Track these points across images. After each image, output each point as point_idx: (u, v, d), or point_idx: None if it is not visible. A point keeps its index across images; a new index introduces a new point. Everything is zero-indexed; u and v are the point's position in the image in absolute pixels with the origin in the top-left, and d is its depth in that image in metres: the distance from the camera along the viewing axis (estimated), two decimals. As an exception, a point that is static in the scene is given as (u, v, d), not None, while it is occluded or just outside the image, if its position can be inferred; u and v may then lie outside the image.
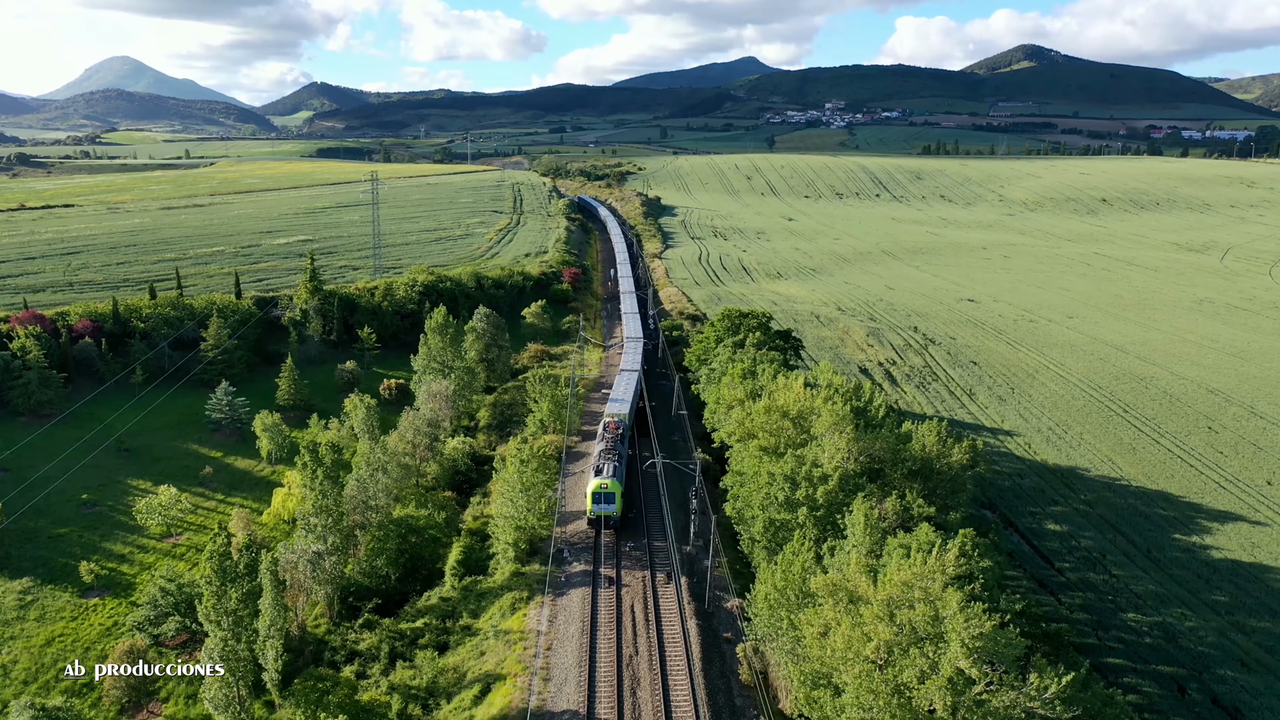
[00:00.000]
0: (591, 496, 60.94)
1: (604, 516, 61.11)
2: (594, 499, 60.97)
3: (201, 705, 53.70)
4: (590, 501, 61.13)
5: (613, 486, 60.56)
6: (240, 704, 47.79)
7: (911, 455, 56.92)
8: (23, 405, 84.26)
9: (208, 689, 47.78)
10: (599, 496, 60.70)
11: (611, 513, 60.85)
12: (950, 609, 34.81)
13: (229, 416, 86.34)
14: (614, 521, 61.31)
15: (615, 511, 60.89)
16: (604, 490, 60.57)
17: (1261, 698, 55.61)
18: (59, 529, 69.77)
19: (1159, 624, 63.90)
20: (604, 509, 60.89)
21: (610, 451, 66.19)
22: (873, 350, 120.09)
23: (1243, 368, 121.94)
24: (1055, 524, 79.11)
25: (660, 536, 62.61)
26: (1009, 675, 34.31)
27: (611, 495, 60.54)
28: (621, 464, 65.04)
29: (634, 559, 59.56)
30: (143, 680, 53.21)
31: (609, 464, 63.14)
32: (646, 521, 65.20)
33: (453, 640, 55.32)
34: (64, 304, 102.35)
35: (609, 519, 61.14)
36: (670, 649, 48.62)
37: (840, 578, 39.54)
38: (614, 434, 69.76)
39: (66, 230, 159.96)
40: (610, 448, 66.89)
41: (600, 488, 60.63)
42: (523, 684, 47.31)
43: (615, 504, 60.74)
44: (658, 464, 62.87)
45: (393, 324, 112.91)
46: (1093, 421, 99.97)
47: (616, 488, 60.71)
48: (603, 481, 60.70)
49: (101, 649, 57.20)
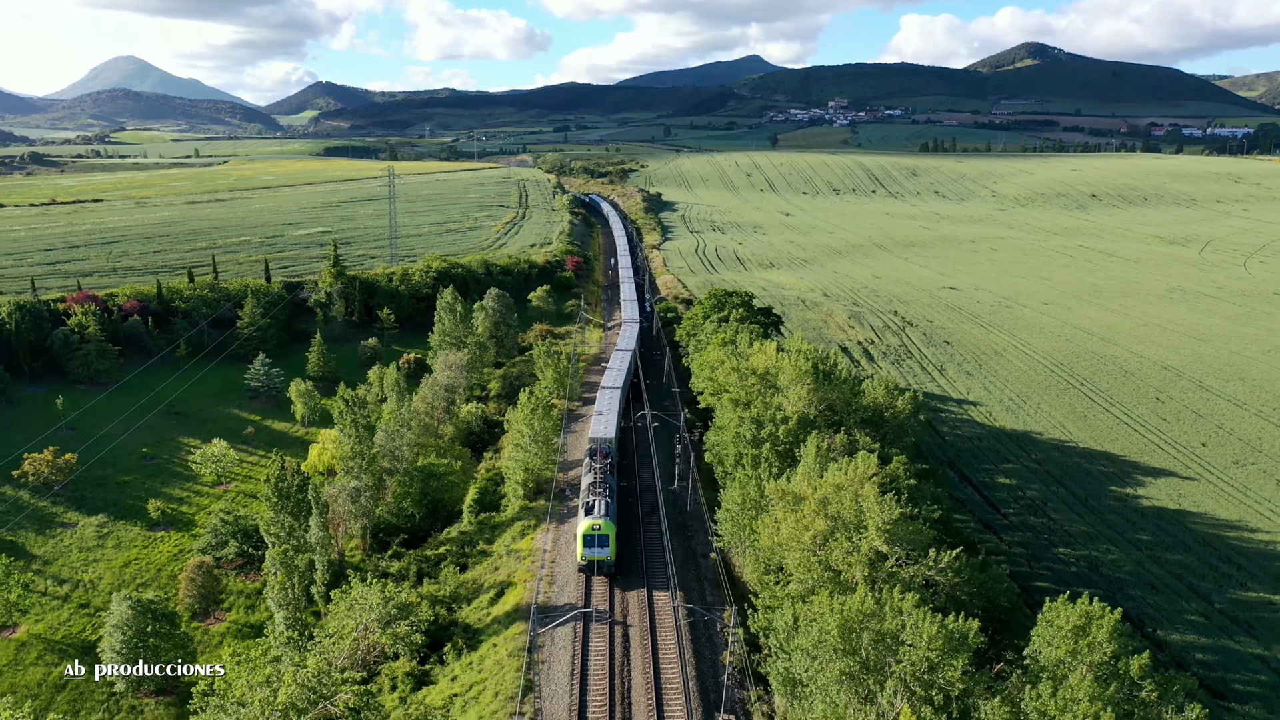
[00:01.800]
0: (582, 539, 53.70)
1: (597, 562, 53.94)
2: (585, 542, 53.67)
3: (257, 614, 63.75)
4: (581, 545, 53.78)
5: (606, 528, 53.57)
6: (295, 604, 57.45)
7: (863, 405, 66.26)
8: (82, 374, 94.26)
9: (270, 590, 57.40)
10: (591, 540, 53.58)
11: (606, 558, 53.73)
12: (868, 501, 44.35)
13: (266, 385, 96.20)
14: (609, 568, 53.97)
15: (610, 556, 53.78)
16: (597, 532, 53.55)
17: (1163, 612, 64.84)
18: (124, 477, 79.64)
19: (1085, 556, 73.14)
20: (597, 554, 53.73)
21: (600, 485, 59.11)
22: (853, 331, 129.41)
23: (1199, 348, 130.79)
24: (1006, 478, 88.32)
25: (648, 476, 72.06)
26: (915, 553, 43.80)
27: (606, 538, 53.60)
28: (613, 499, 58.44)
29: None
30: (210, 591, 62.88)
31: (600, 500, 56.29)
32: (638, 470, 74.56)
33: (471, 561, 64.97)
34: (111, 286, 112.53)
35: (603, 564, 53.97)
36: (655, 564, 58.08)
37: (788, 485, 49.11)
38: (602, 463, 62.54)
39: (102, 222, 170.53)
40: (600, 480, 59.95)
41: (593, 529, 53.51)
42: (531, 587, 56.79)
43: (610, 547, 53.66)
44: (647, 415, 71.92)
45: (409, 306, 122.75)
46: (1050, 393, 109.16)
47: (611, 529, 53.85)
48: (595, 522, 53.63)
49: (172, 570, 66.87)
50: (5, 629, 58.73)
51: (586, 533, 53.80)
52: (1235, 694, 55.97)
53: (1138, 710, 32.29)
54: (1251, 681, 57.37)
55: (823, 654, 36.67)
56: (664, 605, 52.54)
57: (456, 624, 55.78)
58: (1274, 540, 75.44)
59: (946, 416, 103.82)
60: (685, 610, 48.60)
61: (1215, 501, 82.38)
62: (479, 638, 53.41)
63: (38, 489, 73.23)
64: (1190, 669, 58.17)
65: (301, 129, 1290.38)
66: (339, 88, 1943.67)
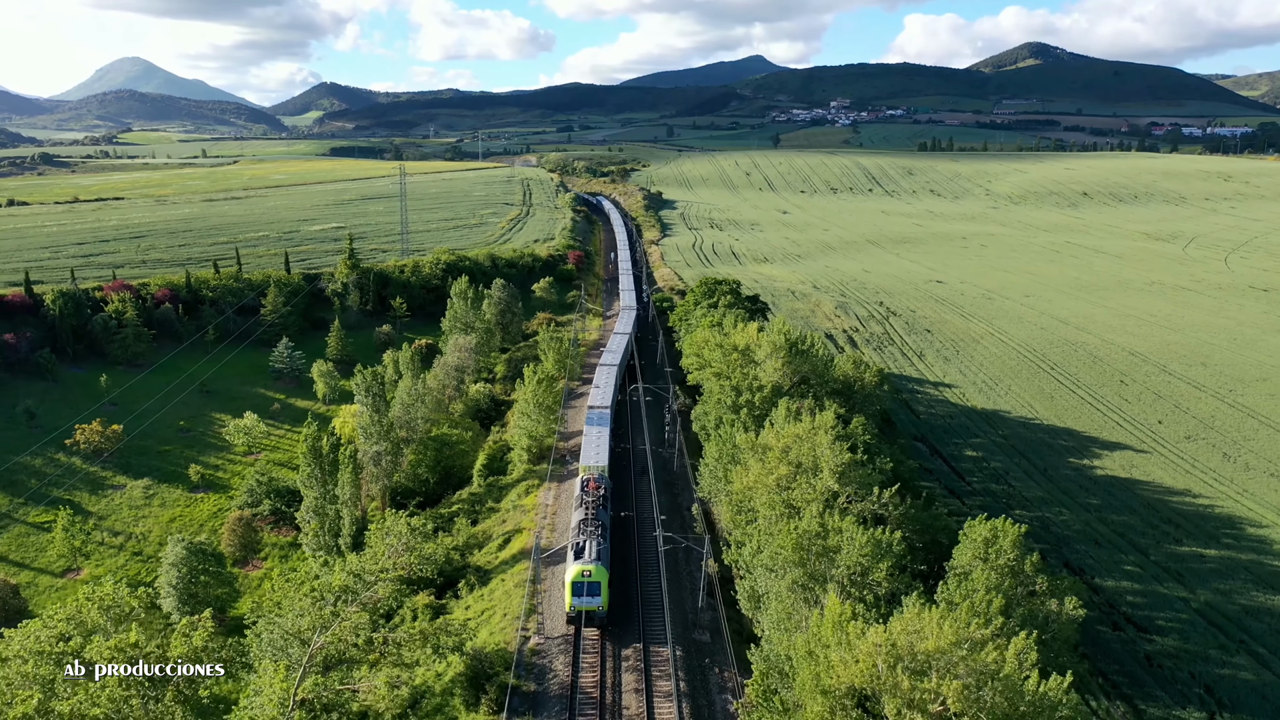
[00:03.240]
0: (571, 587, 48.03)
1: (586, 613, 48.35)
2: (574, 590, 47.99)
3: (290, 563, 71.39)
4: (569, 593, 48.08)
5: (598, 574, 48.04)
6: (326, 547, 65.07)
7: (833, 377, 73.70)
8: (120, 356, 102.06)
9: (305, 536, 65.06)
10: (580, 587, 47.92)
11: (597, 607, 47.99)
12: (823, 448, 51.80)
13: (289, 366, 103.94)
14: (600, 618, 48.24)
15: (602, 605, 48.01)
16: (586, 579, 47.88)
17: (1103, 563, 72.06)
18: (164, 446, 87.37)
19: (1039, 517, 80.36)
20: (587, 603, 47.96)
21: (592, 522, 53.37)
22: (839, 320, 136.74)
23: (1168, 336, 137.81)
24: (973, 451, 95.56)
25: (640, 441, 79.48)
26: (863, 491, 51.21)
27: (596, 585, 48.00)
28: (606, 539, 52.62)
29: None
30: (250, 541, 70.50)
31: (592, 542, 50.54)
32: (632, 435, 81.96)
33: (481, 516, 72.52)
34: (142, 277, 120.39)
35: (593, 615, 48.41)
36: (643, 509, 65.58)
37: (757, 438, 56.61)
38: (595, 496, 57.39)
39: (128, 219, 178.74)
40: (592, 516, 54.27)
41: (582, 575, 47.86)
42: (534, 534, 64.36)
43: (601, 595, 48.00)
44: (640, 388, 79.30)
45: (420, 296, 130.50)
46: (1021, 376, 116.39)
47: (602, 575, 48.21)
48: (585, 567, 48.01)
49: (213, 525, 74.51)
50: (71, 571, 66.42)
51: (575, 579, 47.81)
52: (1158, 629, 63.18)
53: (1029, 600, 39.74)
54: (1173, 619, 64.59)
55: (778, 567, 44.09)
56: (649, 544, 60.04)
57: (469, 566, 63.34)
58: (1214, 504, 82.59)
59: (922, 396, 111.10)
60: (665, 538, 56.06)
61: (1164, 471, 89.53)
62: (489, 576, 60.99)
63: (88, 456, 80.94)
64: (1120, 609, 65.59)
65: (306, 130, 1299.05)
66: (343, 88, 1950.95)
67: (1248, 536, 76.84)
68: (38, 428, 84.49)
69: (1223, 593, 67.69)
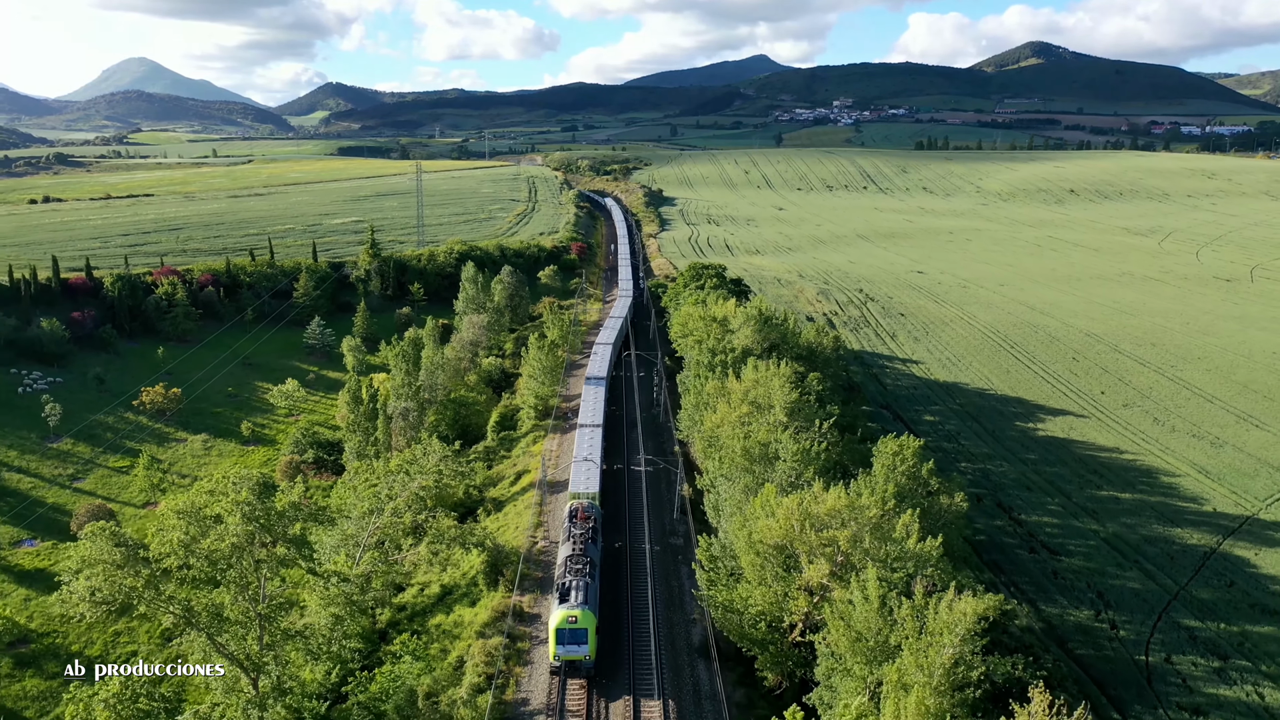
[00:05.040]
0: (555, 634, 43.23)
1: (570, 662, 43.44)
2: (558, 638, 43.13)
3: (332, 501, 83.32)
4: (553, 641, 43.32)
5: (584, 620, 43.27)
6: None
7: (798, 343, 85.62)
8: (171, 332, 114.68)
9: (347, 475, 77.09)
10: (565, 634, 43.01)
11: (583, 657, 43.22)
12: (775, 390, 63.73)
13: (321, 342, 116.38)
14: (587, 668, 43.49)
15: (588, 655, 43.30)
16: (572, 626, 43.05)
17: (1030, 503, 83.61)
18: (216, 409, 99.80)
19: (981, 469, 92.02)
20: (572, 652, 43.17)
21: (580, 558, 48.42)
22: (820, 304, 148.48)
23: (1127, 320, 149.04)
24: (931, 416, 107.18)
25: (632, 402, 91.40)
26: (807, 424, 63.07)
27: (582, 633, 43.11)
28: (595, 577, 47.85)
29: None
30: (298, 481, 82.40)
31: (578, 582, 45.74)
32: (625, 398, 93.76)
33: (495, 461, 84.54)
34: (185, 264, 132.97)
35: (578, 665, 43.54)
36: (632, 454, 77.49)
37: (724, 384, 68.59)
38: (584, 528, 52.23)
39: (163, 213, 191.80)
40: (579, 552, 49.42)
41: (566, 621, 43.06)
42: (540, 471, 76.38)
43: (588, 644, 43.22)
44: (632, 355, 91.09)
45: (435, 282, 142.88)
46: (982, 354, 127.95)
47: (589, 621, 43.45)
48: (570, 613, 43.27)
49: (265, 471, 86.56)
50: (150, 504, 78.59)
51: (559, 626, 42.98)
52: (1067, 552, 74.78)
53: (926, 498, 51.55)
54: (1082, 545, 76.21)
55: (734, 476, 55.99)
56: (637, 475, 72.02)
57: (485, 499, 75.46)
58: (1137, 459, 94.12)
59: (890, 371, 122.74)
60: (647, 460, 68.11)
61: (1098, 433, 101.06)
62: (503, 504, 73.02)
63: (154, 415, 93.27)
64: (1039, 537, 77.29)
65: (313, 129, 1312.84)
66: (349, 88, 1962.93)
67: (1161, 484, 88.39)
68: (107, 392, 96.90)
69: (1129, 526, 79.25)
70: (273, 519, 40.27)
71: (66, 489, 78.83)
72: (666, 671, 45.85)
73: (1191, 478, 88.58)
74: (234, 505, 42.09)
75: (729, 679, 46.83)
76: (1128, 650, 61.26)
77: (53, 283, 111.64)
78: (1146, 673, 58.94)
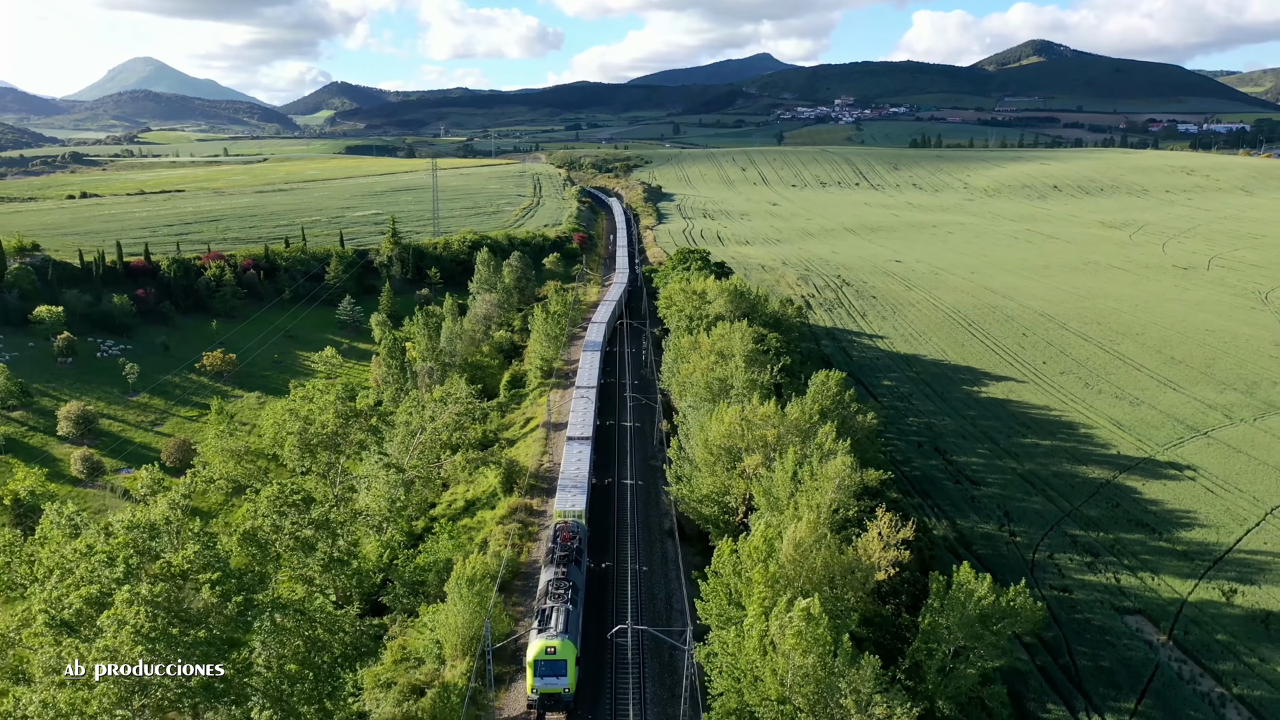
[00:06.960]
0: (532, 666, 41.30)
1: (547, 695, 41.41)
2: (535, 670, 41.22)
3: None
4: (531, 672, 41.42)
5: (564, 650, 41.22)
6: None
7: (766, 312, 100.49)
8: (220, 309, 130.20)
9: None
10: (542, 666, 41.07)
11: (562, 689, 41.27)
12: (736, 341, 78.70)
13: (351, 318, 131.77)
14: (567, 701, 41.56)
15: (568, 688, 41.34)
16: (549, 657, 41.06)
17: (962, 448, 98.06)
18: (264, 373, 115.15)
19: (926, 422, 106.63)
20: (551, 684, 41.22)
21: (562, 583, 46.11)
22: (799, 288, 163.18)
23: (1081, 303, 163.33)
24: (889, 382, 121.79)
25: (626, 366, 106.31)
26: (762, 370, 77.96)
27: (561, 665, 41.16)
28: (579, 603, 45.92)
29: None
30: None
31: (560, 609, 43.70)
32: (618, 365, 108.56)
33: (507, 412, 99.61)
34: (228, 250, 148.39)
35: (558, 698, 41.54)
36: (623, 411, 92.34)
37: (696, 339, 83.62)
38: (567, 549, 49.91)
39: (200, 207, 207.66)
40: (562, 575, 47.04)
41: (545, 652, 41.07)
42: (546, 416, 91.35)
43: (568, 675, 41.28)
44: (624, 323, 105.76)
45: (450, 267, 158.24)
46: (941, 330, 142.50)
47: (570, 651, 41.44)
48: (549, 643, 41.20)
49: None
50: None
51: (537, 657, 41.09)
52: (986, 483, 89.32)
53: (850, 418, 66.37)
54: (999, 479, 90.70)
55: (698, 405, 70.83)
56: (625, 430, 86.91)
57: (499, 439, 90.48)
58: (1062, 414, 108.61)
59: (858, 344, 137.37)
60: (633, 398, 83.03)
61: (1034, 394, 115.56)
62: (515, 442, 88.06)
63: (213, 376, 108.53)
64: (965, 473, 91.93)
65: (318, 128, 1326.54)
66: (354, 87, 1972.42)
67: (1078, 434, 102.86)
68: (170, 357, 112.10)
69: (1043, 464, 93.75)
70: (354, 415, 55.15)
71: (149, 432, 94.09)
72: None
73: (1106, 429, 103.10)
74: (328, 403, 57.00)
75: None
76: (1020, 551, 75.99)
77: (117, 265, 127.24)
78: (1031, 565, 73.71)
